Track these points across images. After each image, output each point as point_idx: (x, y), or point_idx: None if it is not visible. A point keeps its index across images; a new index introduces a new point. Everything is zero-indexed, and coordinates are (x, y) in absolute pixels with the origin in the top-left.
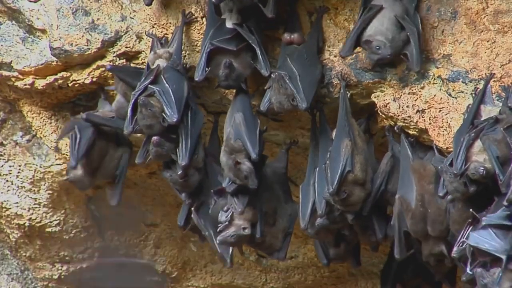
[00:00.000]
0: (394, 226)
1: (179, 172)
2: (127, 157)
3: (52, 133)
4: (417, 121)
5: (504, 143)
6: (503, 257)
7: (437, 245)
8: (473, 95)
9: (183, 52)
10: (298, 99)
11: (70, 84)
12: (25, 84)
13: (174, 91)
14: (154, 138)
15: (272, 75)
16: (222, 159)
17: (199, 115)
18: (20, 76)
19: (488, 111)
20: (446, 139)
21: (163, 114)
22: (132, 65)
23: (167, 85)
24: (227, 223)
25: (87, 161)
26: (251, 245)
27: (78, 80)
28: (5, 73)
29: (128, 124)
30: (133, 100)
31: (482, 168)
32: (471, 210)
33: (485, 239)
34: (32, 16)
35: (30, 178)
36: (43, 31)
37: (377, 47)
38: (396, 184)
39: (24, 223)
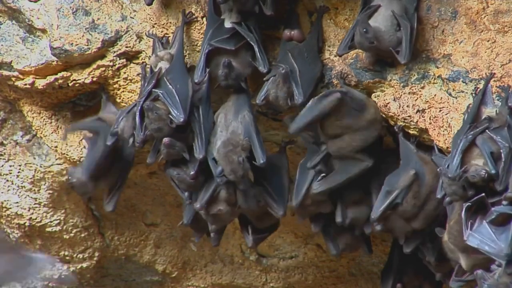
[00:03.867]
0: (390, 193)
1: (192, 173)
2: (128, 169)
3: (52, 132)
4: (417, 121)
5: (494, 141)
6: (503, 262)
7: (402, 230)
8: (473, 95)
9: (184, 52)
10: (296, 93)
11: (70, 84)
12: (25, 84)
13: (178, 91)
14: (165, 139)
15: (279, 68)
16: (220, 149)
17: (210, 111)
18: (20, 76)
19: (487, 113)
20: (446, 139)
21: (170, 116)
22: (132, 64)
23: (170, 86)
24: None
25: (95, 170)
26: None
27: (78, 80)
28: (5, 72)
29: (138, 131)
30: (139, 107)
31: (484, 172)
32: (483, 194)
33: (485, 241)
34: (32, 16)
35: (30, 178)
36: (43, 30)
37: (364, 30)
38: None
39: (25, 222)
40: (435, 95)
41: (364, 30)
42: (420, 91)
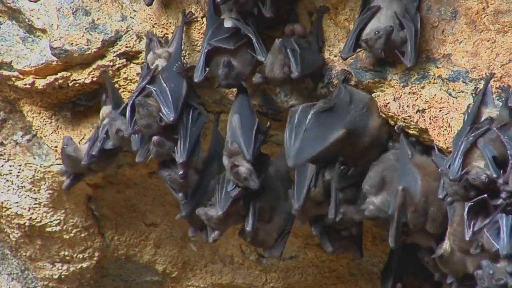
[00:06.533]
0: (393, 217)
1: (180, 172)
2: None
3: (52, 133)
4: (417, 121)
5: (500, 141)
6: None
7: (427, 240)
8: (473, 95)
9: (183, 52)
10: (293, 67)
11: (70, 84)
12: (25, 84)
13: (171, 90)
14: (155, 138)
15: (276, 40)
16: (224, 163)
17: (201, 116)
18: (20, 76)
19: (487, 113)
20: (446, 139)
21: (160, 114)
22: (132, 64)
23: (164, 84)
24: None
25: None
26: (243, 237)
27: (78, 80)
28: (5, 72)
29: (127, 125)
30: (130, 102)
31: (485, 176)
32: (485, 195)
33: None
34: (32, 16)
35: (30, 178)
36: (43, 30)
37: (377, 32)
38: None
39: (25, 222)
40: (435, 95)
41: (377, 32)
42: (420, 91)
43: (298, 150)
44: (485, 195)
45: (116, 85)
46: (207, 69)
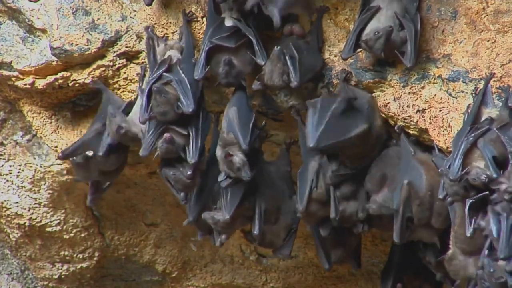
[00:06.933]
0: (398, 212)
1: (189, 173)
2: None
3: (52, 132)
4: (417, 121)
5: (500, 141)
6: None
7: (431, 235)
8: (473, 94)
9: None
10: (292, 76)
11: (70, 84)
12: (25, 84)
13: (190, 82)
14: (166, 135)
15: (275, 47)
16: (217, 153)
17: (209, 117)
18: (20, 76)
19: (487, 113)
20: (446, 139)
21: (179, 103)
22: (132, 64)
23: (183, 75)
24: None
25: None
26: (250, 240)
27: (78, 79)
28: (5, 72)
29: (143, 111)
30: (147, 88)
31: (485, 176)
32: (487, 192)
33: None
34: (32, 16)
35: (30, 178)
36: (43, 30)
37: (376, 32)
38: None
39: (25, 222)
40: (435, 95)
41: (377, 32)
42: (420, 91)
43: (322, 133)
44: (487, 192)
45: (116, 85)
46: (207, 67)
